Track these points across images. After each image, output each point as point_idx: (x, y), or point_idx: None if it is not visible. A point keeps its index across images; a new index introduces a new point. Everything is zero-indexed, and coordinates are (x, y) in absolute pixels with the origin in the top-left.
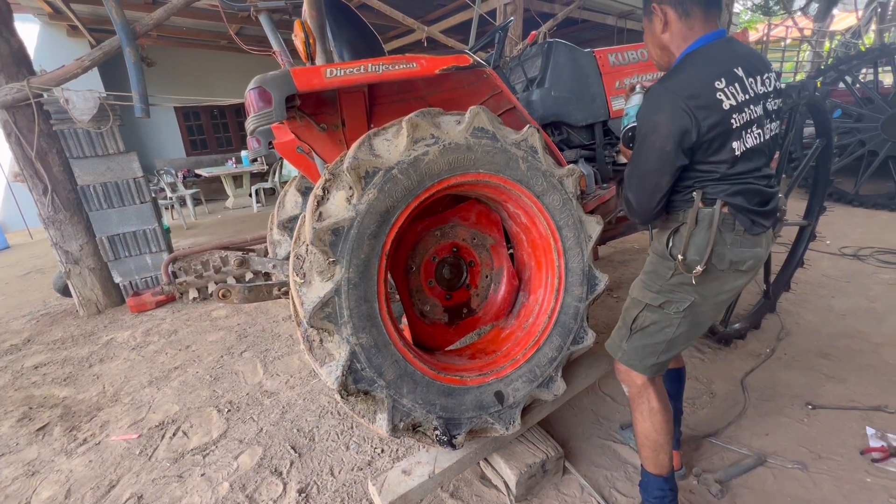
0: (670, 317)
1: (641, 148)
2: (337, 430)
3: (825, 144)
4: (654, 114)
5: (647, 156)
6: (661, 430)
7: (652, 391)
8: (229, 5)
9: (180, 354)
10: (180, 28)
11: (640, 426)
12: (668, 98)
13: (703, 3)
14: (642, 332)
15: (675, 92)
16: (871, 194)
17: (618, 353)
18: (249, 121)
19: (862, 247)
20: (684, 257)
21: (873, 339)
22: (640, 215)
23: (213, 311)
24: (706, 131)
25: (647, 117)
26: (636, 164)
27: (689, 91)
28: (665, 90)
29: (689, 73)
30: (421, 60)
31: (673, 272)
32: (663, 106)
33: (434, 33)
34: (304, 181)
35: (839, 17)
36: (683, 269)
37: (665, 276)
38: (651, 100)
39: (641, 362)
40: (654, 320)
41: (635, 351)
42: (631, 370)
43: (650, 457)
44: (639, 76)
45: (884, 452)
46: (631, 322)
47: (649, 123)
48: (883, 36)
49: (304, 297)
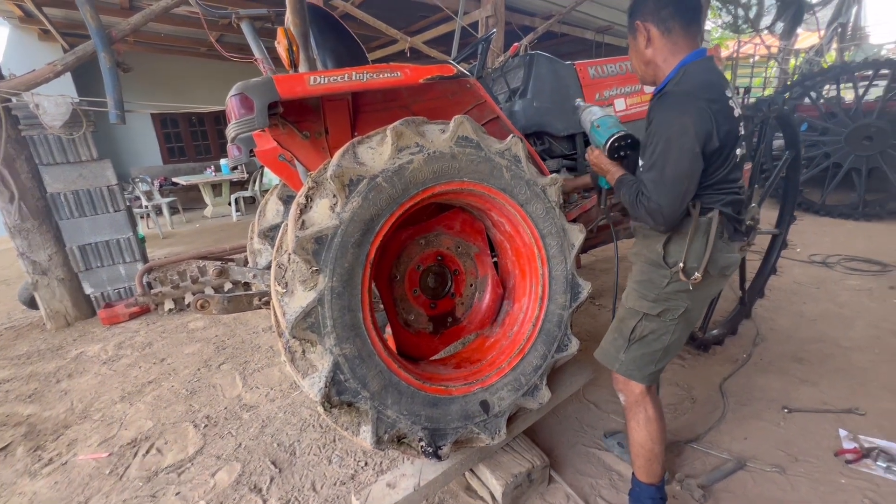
0: (667, 324)
1: (669, 153)
2: (319, 443)
3: (794, 156)
4: (680, 116)
5: (679, 160)
6: (656, 439)
7: (649, 400)
8: (210, 13)
9: (155, 368)
10: (158, 34)
11: (637, 435)
12: (692, 101)
13: (683, 20)
14: (641, 342)
15: (696, 96)
16: (837, 204)
17: (615, 365)
18: (230, 127)
19: (830, 254)
20: (684, 265)
21: (843, 344)
22: (668, 222)
23: (190, 323)
24: (723, 137)
25: (673, 121)
26: (664, 170)
27: (709, 95)
28: (687, 94)
29: (703, 79)
30: (405, 70)
31: (669, 280)
32: (689, 109)
33: (417, 44)
34: (285, 189)
35: (803, 35)
36: (683, 276)
37: (660, 284)
38: (674, 103)
39: (640, 371)
40: (652, 329)
41: (634, 361)
42: (630, 380)
43: (643, 466)
44: (618, 88)
45: (856, 454)
46: (629, 333)
47: (677, 127)
48: (843, 54)
49: (285, 307)
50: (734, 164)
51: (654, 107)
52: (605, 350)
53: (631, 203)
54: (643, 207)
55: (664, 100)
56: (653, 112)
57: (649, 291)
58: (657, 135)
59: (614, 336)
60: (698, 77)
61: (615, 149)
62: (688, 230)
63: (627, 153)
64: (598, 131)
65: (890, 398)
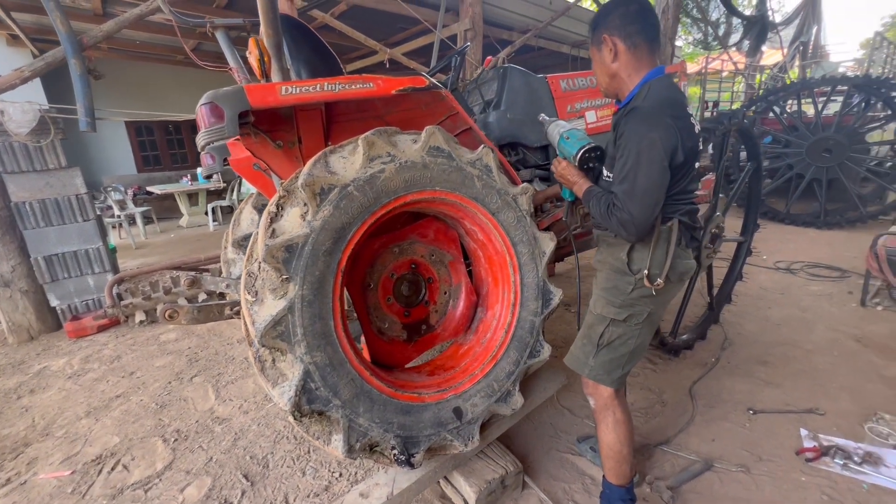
0: (633, 328)
1: (641, 165)
2: (293, 455)
3: (755, 167)
4: (650, 131)
5: (650, 172)
6: (624, 441)
7: (617, 403)
8: (184, 21)
9: (123, 381)
10: (133, 41)
11: (606, 438)
12: (660, 117)
13: (647, 37)
14: (609, 347)
15: (663, 112)
16: (801, 213)
17: (584, 370)
18: (200, 136)
19: (794, 261)
20: (648, 272)
21: (805, 347)
22: (639, 232)
23: (162, 335)
24: (687, 152)
25: (644, 135)
26: (637, 182)
27: (674, 112)
28: (654, 110)
29: (667, 96)
30: (378, 81)
31: (633, 287)
32: (657, 124)
33: (396, 55)
34: (260, 198)
35: (768, 53)
36: (647, 282)
37: (626, 290)
38: (643, 119)
39: (609, 375)
40: (619, 334)
41: (603, 366)
42: (599, 384)
43: (613, 468)
44: (588, 101)
45: (816, 452)
46: (598, 338)
47: (647, 141)
48: (805, 71)
49: (255, 316)
50: (692, 176)
51: (622, 121)
52: (575, 356)
53: (602, 214)
54: (615, 218)
55: (633, 115)
56: (621, 126)
57: (615, 298)
58: (628, 148)
59: (583, 342)
60: (662, 94)
61: (585, 160)
62: (650, 239)
63: (596, 164)
64: (568, 143)
65: (847, 398)
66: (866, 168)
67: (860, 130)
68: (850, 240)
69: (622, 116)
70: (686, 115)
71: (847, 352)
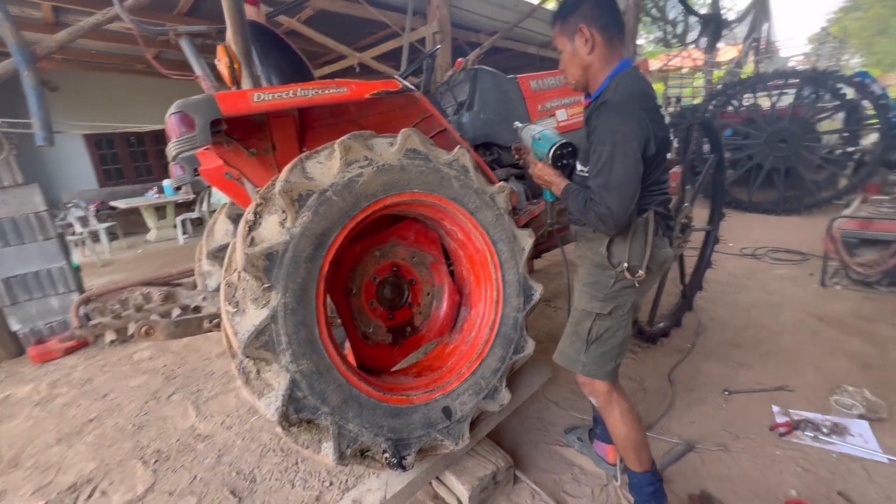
0: (618, 320)
1: (615, 158)
2: (280, 467)
3: (717, 159)
4: (623, 123)
5: (625, 165)
6: (635, 427)
7: (617, 394)
8: (146, 30)
9: (96, 405)
10: (90, 51)
11: (619, 430)
12: (632, 110)
13: (618, 30)
14: (598, 342)
15: (635, 104)
16: (762, 201)
17: (578, 367)
18: (171, 146)
19: (758, 247)
20: (629, 264)
21: (773, 328)
22: (619, 225)
23: (135, 354)
24: (659, 143)
25: (617, 128)
26: (612, 175)
27: (646, 104)
28: (626, 103)
29: (638, 89)
30: (351, 85)
31: (615, 279)
32: (630, 116)
33: (366, 60)
34: (234, 208)
35: (725, 49)
36: (628, 274)
37: (608, 284)
38: (616, 112)
39: (602, 369)
40: (607, 327)
41: (595, 361)
42: (595, 380)
43: (634, 457)
44: (558, 100)
45: (788, 427)
46: (586, 334)
47: (620, 134)
48: (759, 66)
49: (237, 327)
50: (664, 167)
51: (594, 115)
52: (565, 353)
53: (580, 210)
54: (593, 213)
55: (606, 108)
56: (594, 120)
57: (598, 292)
58: (602, 142)
59: (572, 339)
60: (633, 86)
61: (558, 157)
62: (628, 231)
63: (569, 161)
64: (540, 143)
65: (814, 374)
66: (819, 156)
67: (812, 121)
68: (808, 224)
69: (594, 110)
70: (656, 106)
71: (811, 330)
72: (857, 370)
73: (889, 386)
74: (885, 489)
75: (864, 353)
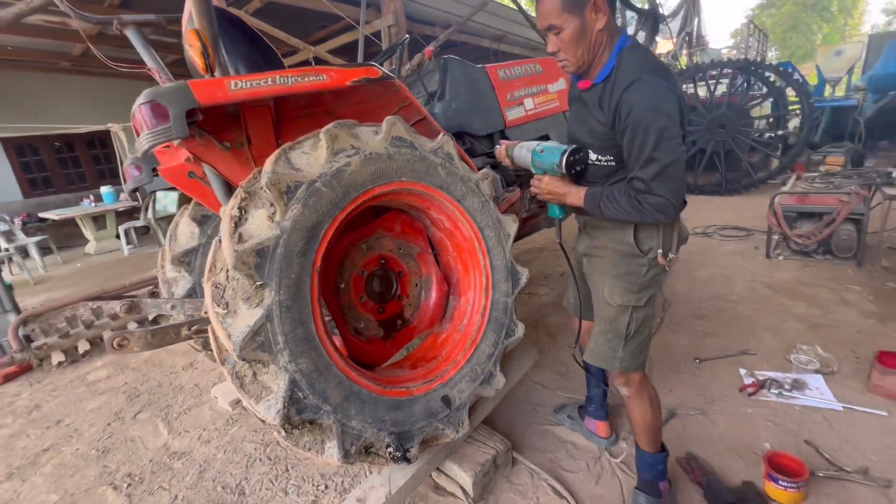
0: (650, 309)
1: (663, 143)
2: (270, 476)
3: None
4: (662, 103)
5: (674, 147)
6: (659, 411)
7: (647, 382)
8: (87, 18)
9: (49, 432)
10: (4, 47)
11: (647, 416)
12: (665, 86)
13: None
14: (636, 334)
15: (665, 78)
16: (706, 183)
17: (615, 364)
18: (143, 138)
19: (707, 226)
20: (662, 249)
21: (730, 298)
22: (678, 211)
23: (89, 374)
24: (686, 116)
25: (658, 108)
26: (667, 162)
27: (668, 77)
28: (657, 79)
29: (656, 61)
30: (331, 72)
31: (648, 267)
32: (666, 94)
33: (321, 53)
34: (199, 209)
35: (661, 43)
36: (663, 260)
37: (641, 273)
38: (653, 91)
39: (637, 360)
40: (642, 319)
41: (632, 354)
42: (629, 373)
43: (653, 440)
44: (526, 89)
45: (755, 387)
46: (625, 329)
47: (663, 116)
48: (692, 58)
49: (230, 329)
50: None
51: (620, 97)
52: (600, 353)
53: (625, 209)
54: (648, 205)
55: (638, 89)
56: (625, 103)
57: (632, 283)
58: (644, 128)
59: (607, 337)
60: (651, 59)
61: (571, 164)
62: None
63: (583, 166)
64: (545, 155)
65: (771, 337)
66: (752, 139)
67: (745, 107)
68: (748, 203)
69: (605, 93)
70: (674, 77)
71: (763, 298)
72: (806, 330)
73: (834, 342)
74: (843, 434)
75: (810, 315)
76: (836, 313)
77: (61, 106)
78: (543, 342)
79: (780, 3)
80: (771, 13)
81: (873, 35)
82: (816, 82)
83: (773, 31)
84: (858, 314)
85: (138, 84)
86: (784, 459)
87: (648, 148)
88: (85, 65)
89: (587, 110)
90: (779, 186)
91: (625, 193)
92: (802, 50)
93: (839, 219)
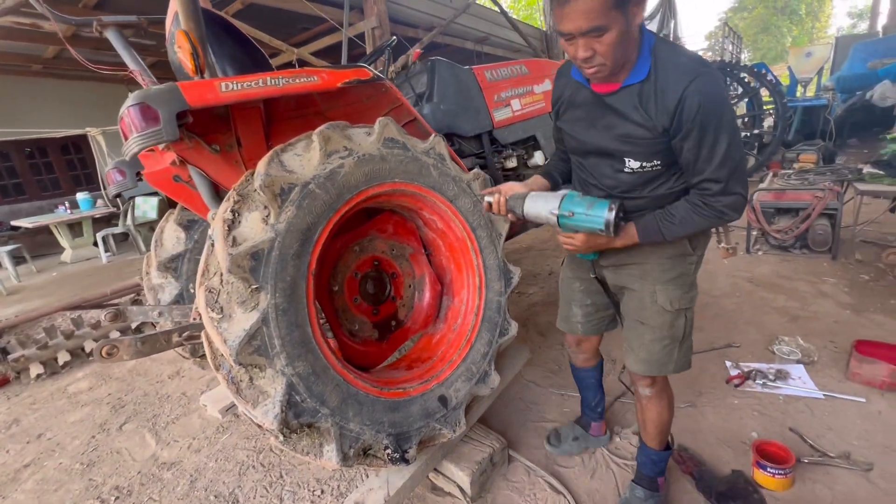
0: (693, 306)
1: (733, 143)
2: (264, 483)
3: None
4: (724, 101)
5: (739, 141)
6: (673, 411)
7: (668, 382)
8: (66, 20)
9: (30, 447)
10: None
11: (665, 416)
12: (718, 80)
13: None
14: (687, 336)
15: (714, 73)
16: None
17: (668, 368)
18: (132, 141)
19: None
20: (727, 245)
21: (714, 293)
22: (745, 206)
23: (70, 386)
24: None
25: (723, 109)
26: (740, 157)
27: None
28: (715, 70)
29: (691, 53)
30: (322, 74)
31: (695, 266)
32: (722, 91)
33: (305, 55)
34: (184, 214)
35: None
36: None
37: (690, 272)
38: (719, 84)
39: (687, 359)
40: (691, 318)
41: (684, 356)
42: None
43: (663, 439)
44: (512, 90)
45: (741, 378)
46: (682, 333)
47: (728, 114)
48: None
49: (225, 334)
50: None
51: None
52: (657, 361)
53: (698, 223)
54: (724, 207)
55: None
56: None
57: (685, 284)
58: (716, 125)
59: (663, 343)
60: (687, 52)
61: (619, 221)
62: None
63: (623, 215)
64: (577, 219)
65: (754, 331)
66: None
67: None
68: None
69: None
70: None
71: (744, 292)
72: (787, 322)
73: (814, 333)
74: (825, 421)
75: (789, 308)
76: (814, 305)
77: (33, 110)
78: (535, 341)
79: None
80: (743, 16)
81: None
82: (789, 83)
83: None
84: (835, 305)
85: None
86: (771, 447)
87: (723, 145)
88: (57, 67)
89: (614, 115)
90: (756, 183)
91: (690, 205)
92: (773, 52)
93: (814, 214)
